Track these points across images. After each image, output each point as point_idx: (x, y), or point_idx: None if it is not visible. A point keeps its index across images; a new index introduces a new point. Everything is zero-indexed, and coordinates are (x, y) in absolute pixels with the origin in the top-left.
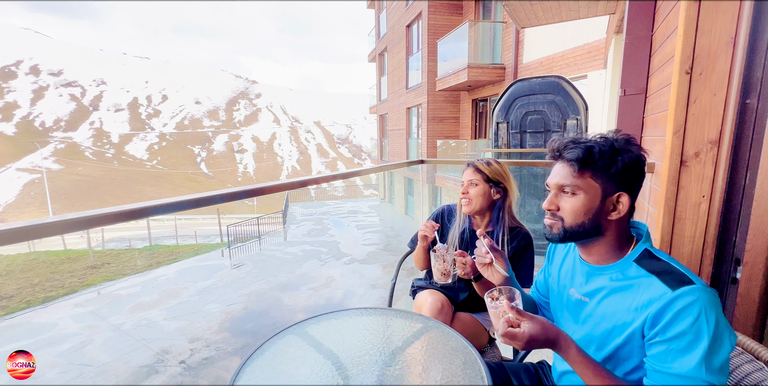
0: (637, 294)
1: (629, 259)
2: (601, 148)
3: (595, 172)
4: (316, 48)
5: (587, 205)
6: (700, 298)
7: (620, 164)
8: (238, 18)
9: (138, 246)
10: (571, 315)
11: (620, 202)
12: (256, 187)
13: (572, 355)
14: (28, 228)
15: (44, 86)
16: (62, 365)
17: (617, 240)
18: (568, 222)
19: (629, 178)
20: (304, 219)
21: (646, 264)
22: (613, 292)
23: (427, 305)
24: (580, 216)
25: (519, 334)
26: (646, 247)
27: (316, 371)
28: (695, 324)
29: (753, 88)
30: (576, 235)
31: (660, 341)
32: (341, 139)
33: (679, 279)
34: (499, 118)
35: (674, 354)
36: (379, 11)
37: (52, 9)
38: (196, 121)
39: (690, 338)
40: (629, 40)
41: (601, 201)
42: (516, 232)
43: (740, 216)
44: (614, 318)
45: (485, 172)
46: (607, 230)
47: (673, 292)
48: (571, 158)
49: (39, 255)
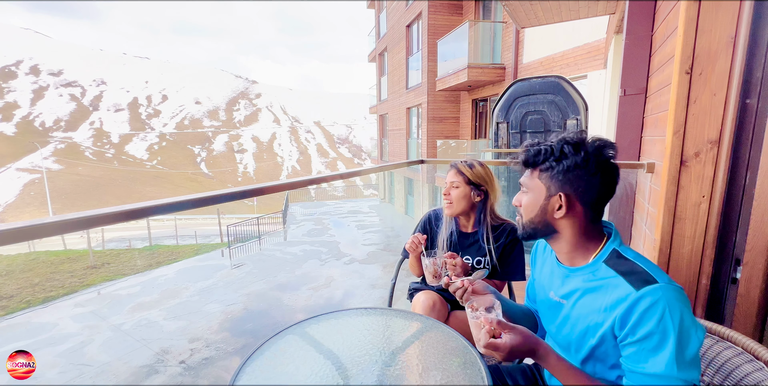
0: (606, 295)
1: (598, 260)
2: (547, 150)
3: (542, 173)
4: (316, 48)
5: (534, 202)
6: (663, 297)
7: (561, 167)
8: (237, 18)
9: (138, 246)
10: (552, 317)
11: (562, 201)
12: (256, 186)
13: (552, 363)
14: (28, 228)
15: (44, 86)
16: (62, 365)
17: (576, 239)
18: (524, 219)
19: (574, 180)
20: (304, 219)
21: (614, 264)
22: (585, 293)
23: (419, 304)
24: (529, 212)
25: (501, 345)
26: (614, 247)
27: (316, 371)
28: (660, 323)
29: (753, 88)
30: (532, 232)
31: (630, 342)
32: (341, 139)
33: (643, 278)
34: (499, 118)
35: (645, 354)
36: (379, 11)
37: (51, 9)
38: (196, 121)
39: (658, 337)
40: (629, 40)
41: (545, 200)
42: (501, 229)
43: (740, 216)
44: (587, 320)
45: (467, 174)
46: (561, 228)
47: (637, 292)
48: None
49: (39, 255)
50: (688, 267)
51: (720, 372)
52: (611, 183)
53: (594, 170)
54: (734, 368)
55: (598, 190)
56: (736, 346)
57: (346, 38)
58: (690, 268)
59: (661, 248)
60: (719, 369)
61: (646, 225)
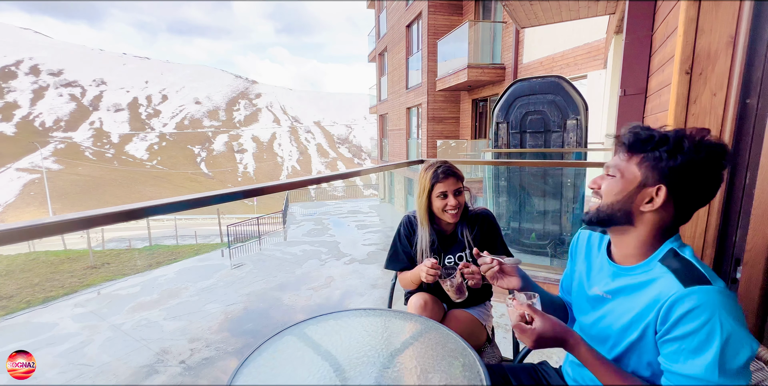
0: (652, 290)
1: (654, 259)
2: (661, 139)
3: (643, 161)
4: (315, 48)
5: (621, 188)
6: (714, 300)
7: (674, 162)
8: (236, 18)
9: (138, 246)
10: (590, 310)
11: (658, 195)
12: (256, 186)
13: (582, 353)
14: (28, 228)
15: (44, 86)
16: (62, 365)
17: (650, 238)
18: (602, 203)
19: (681, 178)
20: (304, 220)
21: (668, 262)
22: (634, 290)
23: (411, 305)
24: (612, 196)
25: (528, 330)
26: (673, 247)
27: (314, 372)
28: (707, 324)
29: (753, 88)
30: (606, 217)
31: (671, 339)
32: (341, 139)
33: (695, 277)
34: (499, 118)
35: (686, 354)
36: (379, 11)
37: (51, 9)
38: (196, 121)
39: (701, 338)
40: (629, 40)
41: (636, 188)
42: (475, 217)
43: (740, 216)
44: (631, 313)
45: (462, 176)
46: (639, 222)
47: (685, 289)
48: (624, 141)
49: (39, 255)
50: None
51: None
52: (712, 194)
53: (706, 174)
54: None
55: (697, 196)
56: None
57: (345, 38)
58: None
59: None
60: None
61: None
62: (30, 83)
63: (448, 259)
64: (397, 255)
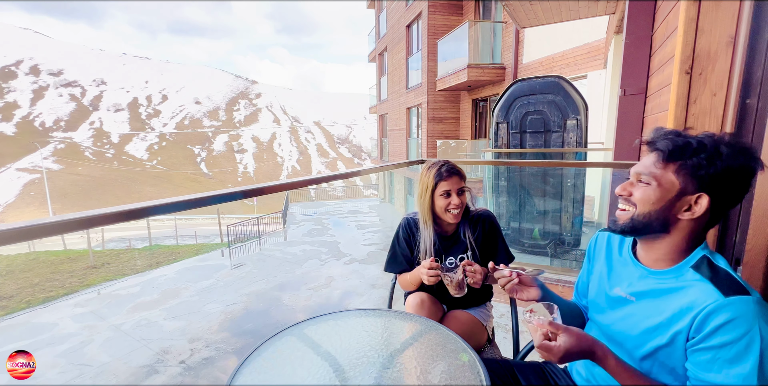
0: (687, 296)
1: (686, 265)
2: (699, 146)
3: (681, 168)
4: (315, 48)
5: (660, 196)
6: (755, 311)
7: (715, 169)
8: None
9: (138, 246)
10: (610, 310)
11: (698, 203)
12: (256, 186)
13: (611, 365)
14: (28, 228)
15: (44, 86)
16: (62, 365)
17: (683, 244)
18: (638, 211)
19: (721, 185)
20: (304, 220)
21: (703, 271)
22: (662, 293)
23: (408, 303)
24: (650, 205)
25: (554, 348)
26: (705, 254)
27: (314, 373)
28: (747, 335)
29: (753, 88)
30: (641, 227)
31: (706, 348)
32: (341, 139)
33: (735, 287)
34: (499, 118)
35: (721, 363)
36: (379, 11)
37: (50, 9)
38: (196, 121)
39: (739, 348)
40: (629, 40)
41: (675, 197)
42: (477, 218)
43: (740, 216)
44: (659, 317)
45: (465, 176)
46: (674, 229)
47: (726, 299)
48: (661, 147)
49: (39, 255)
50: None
51: None
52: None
53: (743, 180)
54: None
55: (733, 201)
56: None
57: (344, 38)
58: None
59: None
60: None
61: None
62: (30, 83)
63: (449, 261)
64: (395, 258)
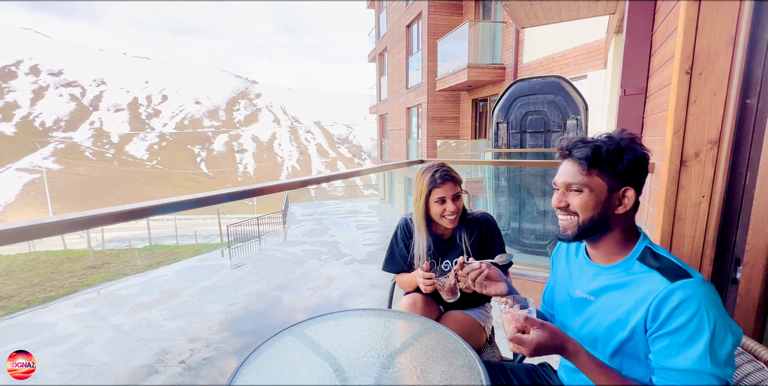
0: (639, 289)
1: (632, 258)
2: (608, 147)
3: (602, 171)
4: (314, 48)
5: (595, 200)
6: (700, 292)
7: (626, 162)
8: (235, 18)
9: (138, 246)
10: (575, 313)
11: (626, 196)
12: (256, 186)
13: (582, 360)
14: (28, 228)
15: (44, 86)
16: (62, 365)
17: (623, 235)
18: (581, 218)
19: (634, 174)
20: (304, 219)
21: (648, 261)
22: (615, 288)
23: (402, 304)
24: (590, 210)
25: (526, 340)
26: (646, 245)
27: (314, 373)
28: (696, 316)
29: (753, 88)
30: (588, 231)
31: (662, 335)
32: (341, 139)
33: (678, 273)
34: (499, 118)
35: (677, 348)
36: (379, 11)
37: (50, 9)
38: (196, 121)
39: (691, 330)
40: (629, 40)
41: (607, 197)
42: (474, 221)
43: (740, 216)
44: (617, 313)
45: (461, 181)
46: (615, 224)
47: (672, 284)
48: (580, 157)
49: (39, 255)
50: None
51: None
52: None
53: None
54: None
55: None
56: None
57: (344, 38)
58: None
59: None
60: None
61: (646, 225)
62: (30, 83)
63: (445, 265)
64: (393, 258)
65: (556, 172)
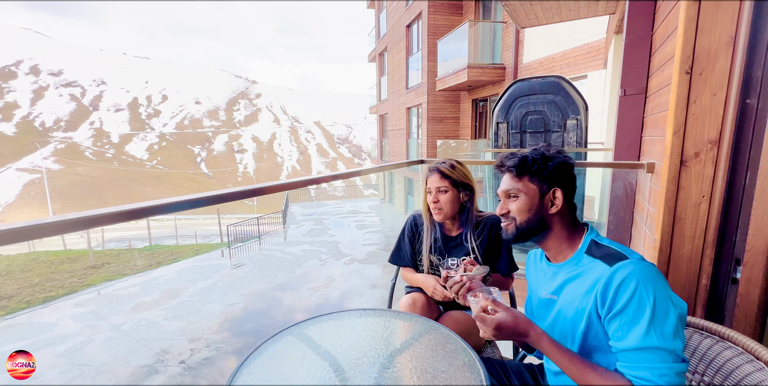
0: (586, 279)
1: (581, 252)
2: (533, 156)
3: (532, 177)
4: (314, 48)
5: (529, 203)
6: (636, 271)
7: (551, 167)
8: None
9: (138, 246)
10: (545, 314)
11: (556, 197)
12: (256, 186)
13: (545, 346)
14: (28, 228)
15: (44, 86)
16: (62, 365)
17: (565, 232)
18: (518, 221)
19: (560, 177)
20: (304, 220)
21: (593, 252)
22: (569, 282)
23: (401, 303)
24: (525, 213)
25: (488, 319)
26: (591, 238)
27: (314, 373)
28: (635, 294)
29: (753, 88)
30: (527, 231)
31: (611, 317)
32: (341, 139)
33: (615, 257)
34: (499, 118)
35: (626, 327)
36: (379, 11)
37: (51, 9)
38: (196, 121)
39: (633, 308)
40: (629, 40)
41: (540, 199)
42: (483, 224)
43: (740, 216)
44: (573, 305)
45: (452, 176)
46: (553, 223)
47: (610, 268)
48: (510, 166)
49: (39, 255)
50: (688, 267)
51: (720, 372)
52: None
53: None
54: (734, 368)
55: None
56: (736, 346)
57: (343, 38)
58: (690, 268)
59: (661, 248)
60: (719, 369)
61: (646, 226)
62: (30, 83)
63: (451, 261)
64: (399, 252)
65: None
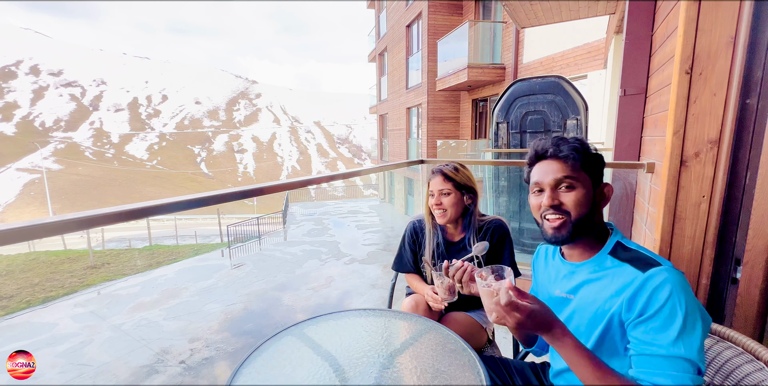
0: (613, 282)
1: (604, 253)
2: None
3: (586, 166)
4: (315, 48)
5: (587, 195)
6: (670, 278)
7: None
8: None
9: (138, 246)
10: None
11: (606, 192)
12: (256, 186)
13: (568, 342)
14: (28, 228)
15: (44, 86)
16: (62, 365)
17: (598, 231)
18: (573, 216)
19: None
20: (304, 219)
21: (619, 255)
22: (591, 283)
23: (403, 306)
24: (582, 206)
25: (522, 306)
26: (617, 240)
27: (314, 373)
28: (669, 301)
29: (753, 88)
30: (581, 228)
31: (638, 322)
32: (341, 139)
33: (648, 262)
34: (499, 118)
35: (653, 333)
36: (379, 11)
37: (49, 9)
38: (196, 121)
39: (665, 315)
40: (629, 40)
41: (594, 193)
42: (486, 228)
43: (740, 216)
44: (593, 307)
45: (456, 179)
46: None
47: (644, 274)
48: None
49: (39, 255)
50: (688, 267)
51: (720, 372)
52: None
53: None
54: (734, 368)
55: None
56: (737, 346)
57: (343, 38)
58: (690, 268)
59: (661, 248)
60: (719, 369)
61: (646, 225)
62: (30, 83)
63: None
64: (401, 259)
65: None
